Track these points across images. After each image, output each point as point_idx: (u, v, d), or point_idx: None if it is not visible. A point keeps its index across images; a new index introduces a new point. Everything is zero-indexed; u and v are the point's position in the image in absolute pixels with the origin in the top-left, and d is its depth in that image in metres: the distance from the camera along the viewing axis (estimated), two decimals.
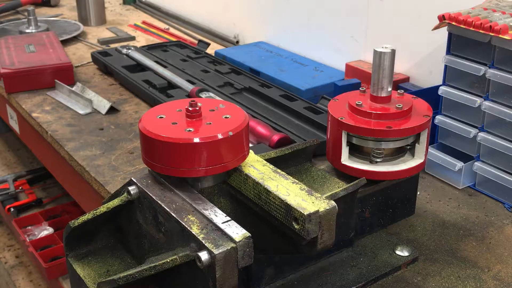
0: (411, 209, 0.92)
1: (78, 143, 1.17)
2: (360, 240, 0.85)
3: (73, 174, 1.16)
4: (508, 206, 0.96)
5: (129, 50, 1.56)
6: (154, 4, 2.25)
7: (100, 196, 1.04)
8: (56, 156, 1.23)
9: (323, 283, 0.76)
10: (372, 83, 0.83)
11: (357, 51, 1.45)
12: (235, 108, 0.77)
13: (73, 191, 1.31)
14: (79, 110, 1.32)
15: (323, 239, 0.65)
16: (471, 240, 0.88)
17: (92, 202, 1.12)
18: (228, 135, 0.70)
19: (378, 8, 1.38)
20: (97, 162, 1.09)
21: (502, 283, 0.79)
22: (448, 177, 1.03)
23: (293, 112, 1.23)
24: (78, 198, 1.30)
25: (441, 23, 0.99)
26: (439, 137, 1.06)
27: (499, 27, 0.90)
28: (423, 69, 1.30)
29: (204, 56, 1.62)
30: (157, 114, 0.75)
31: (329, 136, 0.85)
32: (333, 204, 0.65)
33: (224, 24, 1.92)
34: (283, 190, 0.67)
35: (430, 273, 0.80)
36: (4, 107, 1.53)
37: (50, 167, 1.41)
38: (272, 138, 1.07)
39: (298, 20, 1.63)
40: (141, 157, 0.77)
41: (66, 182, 1.34)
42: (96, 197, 1.07)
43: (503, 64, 0.93)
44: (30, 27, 1.84)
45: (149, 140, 0.71)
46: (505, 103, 0.94)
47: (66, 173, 1.25)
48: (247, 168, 0.74)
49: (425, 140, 0.84)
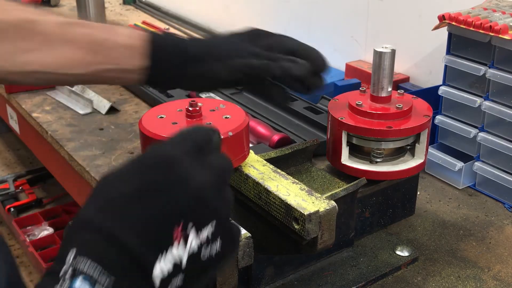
0: (411, 209, 0.92)
1: (78, 143, 1.17)
2: (360, 240, 0.85)
3: (73, 174, 1.16)
4: (508, 206, 0.96)
5: None
6: (154, 4, 2.25)
7: None
8: (56, 156, 1.23)
9: (323, 283, 0.77)
10: (372, 83, 0.83)
11: (357, 51, 1.45)
12: (235, 108, 0.77)
13: (73, 191, 1.31)
14: (79, 110, 1.32)
15: (323, 239, 0.65)
16: (471, 240, 0.88)
17: None
18: (228, 135, 0.70)
19: (378, 8, 1.38)
20: (97, 162, 1.09)
21: (502, 283, 0.79)
22: (448, 177, 1.03)
23: (293, 112, 1.22)
24: (78, 198, 1.30)
25: (441, 23, 0.99)
26: (439, 137, 1.06)
27: (499, 27, 0.90)
28: (423, 69, 1.30)
29: None
30: (157, 114, 0.75)
31: (329, 136, 0.85)
32: (333, 204, 0.65)
33: (224, 24, 1.91)
34: (283, 190, 0.67)
35: (430, 273, 0.80)
36: (4, 107, 1.53)
37: (50, 167, 1.41)
38: (272, 138, 1.07)
39: (298, 20, 1.63)
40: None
41: (66, 182, 1.34)
42: None
43: (503, 64, 0.93)
44: None
45: (149, 140, 0.71)
46: (505, 103, 0.94)
47: (66, 173, 1.25)
48: (247, 168, 0.74)
49: (425, 140, 0.84)
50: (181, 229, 0.43)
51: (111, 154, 1.12)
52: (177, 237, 0.43)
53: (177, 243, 0.43)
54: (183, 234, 0.43)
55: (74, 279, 0.40)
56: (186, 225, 0.44)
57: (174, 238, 0.43)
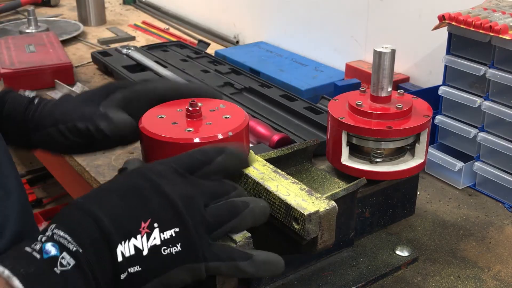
0: (411, 209, 0.92)
1: None
2: (360, 240, 0.85)
3: (73, 174, 1.16)
4: (508, 206, 0.97)
5: (129, 50, 1.56)
6: (154, 4, 2.25)
7: None
8: (56, 156, 1.23)
9: (323, 283, 0.77)
10: (372, 83, 0.83)
11: (357, 51, 1.45)
12: (236, 108, 0.77)
13: (73, 191, 1.31)
14: None
15: (323, 239, 0.65)
16: (471, 240, 0.88)
17: None
18: (228, 135, 0.70)
19: (378, 8, 1.38)
20: (97, 162, 1.09)
21: (502, 283, 0.79)
22: (448, 177, 1.03)
23: (293, 112, 1.23)
24: None
25: (441, 23, 0.99)
26: (439, 137, 1.06)
27: (499, 27, 0.90)
28: (423, 69, 1.31)
29: (204, 56, 1.62)
30: (157, 114, 0.75)
31: (329, 136, 0.85)
32: (333, 204, 0.65)
33: (224, 24, 1.92)
34: (283, 190, 0.67)
35: (430, 273, 0.80)
36: None
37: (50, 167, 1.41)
38: (272, 138, 1.07)
39: (298, 20, 1.63)
40: (141, 157, 0.77)
41: (66, 182, 1.34)
42: None
43: (503, 64, 0.93)
44: (30, 27, 1.84)
45: (149, 140, 0.71)
46: (505, 103, 0.94)
47: (66, 173, 1.25)
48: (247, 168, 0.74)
49: (425, 140, 0.84)
50: (147, 225, 0.52)
51: (111, 154, 1.12)
52: (143, 231, 0.51)
53: (141, 236, 0.51)
54: (148, 229, 0.52)
55: (45, 243, 0.48)
56: (152, 223, 0.52)
57: (140, 230, 0.51)
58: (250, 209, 0.58)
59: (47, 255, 0.48)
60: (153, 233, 0.52)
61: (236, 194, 0.59)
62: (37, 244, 0.49)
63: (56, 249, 0.48)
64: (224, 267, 0.55)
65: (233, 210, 0.57)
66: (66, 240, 0.49)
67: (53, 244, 0.48)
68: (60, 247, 0.48)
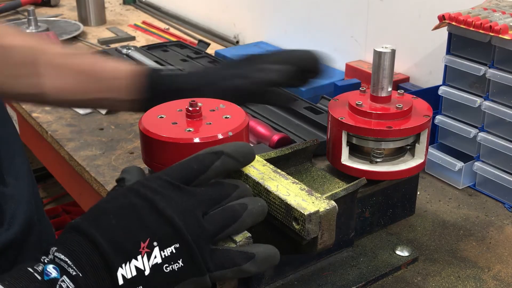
0: (411, 209, 0.92)
1: (78, 143, 1.17)
2: (360, 240, 0.85)
3: (73, 174, 1.16)
4: (508, 206, 0.96)
5: (129, 50, 1.56)
6: (154, 4, 2.25)
7: (100, 196, 1.04)
8: (56, 156, 1.23)
9: (323, 283, 0.77)
10: (372, 83, 0.83)
11: (357, 51, 1.45)
12: (236, 108, 0.77)
13: (73, 191, 1.31)
14: (79, 110, 1.32)
15: (323, 239, 0.65)
16: (471, 240, 0.88)
17: (92, 202, 1.11)
18: (228, 135, 0.70)
19: (378, 8, 1.38)
20: (97, 162, 1.09)
21: (502, 283, 0.79)
22: (448, 177, 1.03)
23: (293, 112, 1.22)
24: (78, 198, 1.30)
25: (441, 23, 0.99)
26: (439, 137, 1.06)
27: (499, 27, 0.90)
28: (423, 69, 1.30)
29: (204, 56, 1.62)
30: (157, 114, 0.75)
31: (329, 136, 0.85)
32: (333, 204, 0.65)
33: (224, 24, 1.91)
34: (283, 190, 0.67)
35: (430, 273, 0.80)
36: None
37: (50, 167, 1.41)
38: (272, 138, 1.07)
39: (298, 20, 1.63)
40: (141, 157, 0.77)
41: (66, 182, 1.34)
42: (96, 197, 1.07)
43: (503, 64, 0.93)
44: (30, 27, 1.84)
45: (149, 140, 0.71)
46: (505, 103, 0.94)
47: (66, 173, 1.25)
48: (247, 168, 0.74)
49: (425, 140, 0.84)
50: (147, 245, 0.51)
51: (111, 154, 1.12)
52: (143, 251, 0.51)
53: (141, 256, 0.51)
54: (148, 249, 0.52)
55: (47, 265, 0.49)
56: (152, 242, 0.52)
57: (140, 251, 0.51)
58: (248, 212, 0.58)
59: (48, 277, 0.49)
60: (154, 252, 0.52)
61: (237, 194, 0.58)
62: (39, 265, 0.50)
63: (57, 272, 0.49)
64: (229, 273, 0.55)
65: (232, 215, 0.57)
66: (67, 264, 0.49)
67: (54, 267, 0.49)
68: (61, 270, 0.49)
